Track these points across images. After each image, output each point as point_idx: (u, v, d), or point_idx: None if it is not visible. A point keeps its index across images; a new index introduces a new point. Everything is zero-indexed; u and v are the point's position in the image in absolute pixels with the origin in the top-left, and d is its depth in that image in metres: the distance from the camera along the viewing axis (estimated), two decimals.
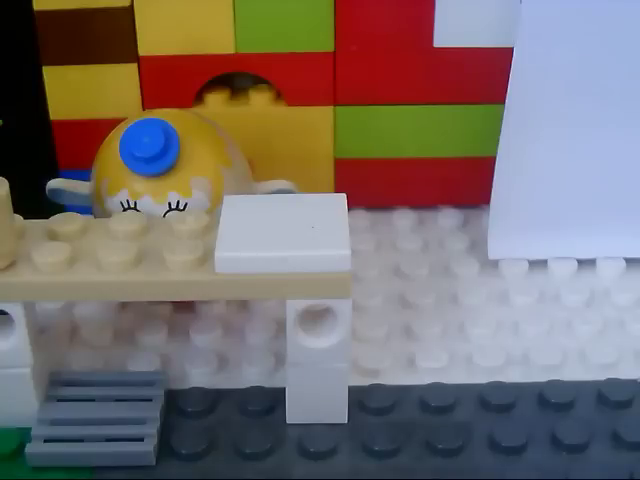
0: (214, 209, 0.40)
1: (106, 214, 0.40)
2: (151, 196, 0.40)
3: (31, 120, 0.48)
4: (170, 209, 0.40)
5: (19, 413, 0.37)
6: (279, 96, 0.48)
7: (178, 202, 0.40)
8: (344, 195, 0.38)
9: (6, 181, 0.35)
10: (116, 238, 0.37)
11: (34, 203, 0.40)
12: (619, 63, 0.42)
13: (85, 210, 0.41)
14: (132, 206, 0.40)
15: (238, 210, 0.37)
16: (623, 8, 0.41)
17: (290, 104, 0.48)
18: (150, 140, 0.39)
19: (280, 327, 0.42)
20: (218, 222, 0.37)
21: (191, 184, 0.40)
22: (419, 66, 0.46)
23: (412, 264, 0.46)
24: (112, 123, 0.43)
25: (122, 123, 0.42)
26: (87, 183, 0.43)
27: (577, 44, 0.42)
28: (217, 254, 0.35)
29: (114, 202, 0.40)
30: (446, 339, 0.43)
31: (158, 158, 0.39)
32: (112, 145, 0.41)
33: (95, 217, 0.42)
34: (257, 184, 0.43)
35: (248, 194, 0.41)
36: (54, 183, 0.43)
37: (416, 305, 0.44)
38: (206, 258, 0.36)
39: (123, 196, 0.40)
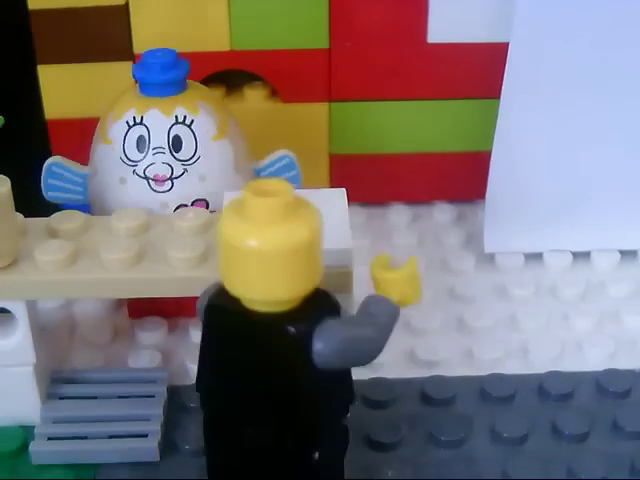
0: (221, 137, 0.40)
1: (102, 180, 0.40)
2: (158, 109, 0.40)
3: (26, 119, 0.47)
4: (177, 122, 0.40)
5: (22, 411, 0.38)
6: (274, 93, 0.48)
7: (185, 117, 0.40)
8: (344, 190, 0.38)
9: (8, 179, 0.35)
10: (117, 235, 0.37)
11: (29, 202, 0.40)
12: (614, 58, 0.42)
13: (82, 209, 0.41)
14: (138, 122, 0.40)
15: None
16: (618, 3, 0.41)
17: (285, 101, 0.48)
18: (162, 64, 0.40)
19: None
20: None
21: (197, 105, 0.40)
22: (413, 62, 0.47)
23: None
24: None
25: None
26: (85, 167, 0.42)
27: (572, 39, 0.42)
28: None
29: (118, 126, 0.40)
30: (445, 332, 0.43)
31: (170, 82, 0.40)
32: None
33: (92, 184, 0.41)
34: (258, 163, 0.43)
35: (249, 171, 0.41)
36: (53, 159, 0.42)
37: None
38: (208, 255, 0.36)
39: (129, 115, 0.40)
